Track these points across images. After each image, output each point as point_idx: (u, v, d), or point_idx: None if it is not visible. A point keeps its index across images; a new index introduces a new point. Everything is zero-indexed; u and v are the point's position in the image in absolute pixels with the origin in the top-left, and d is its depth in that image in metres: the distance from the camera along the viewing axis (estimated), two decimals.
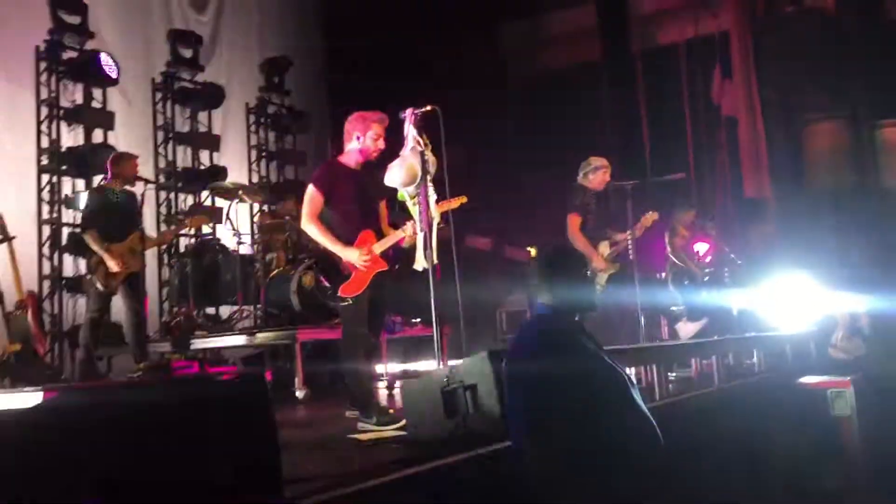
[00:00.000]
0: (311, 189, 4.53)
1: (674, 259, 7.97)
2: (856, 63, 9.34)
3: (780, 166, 9.72)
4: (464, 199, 4.71)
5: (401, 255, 4.51)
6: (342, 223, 4.49)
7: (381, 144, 4.53)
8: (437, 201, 4.45)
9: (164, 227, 8.90)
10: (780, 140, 9.81)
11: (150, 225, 8.25)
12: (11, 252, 6.45)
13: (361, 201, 4.51)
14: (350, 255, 4.39)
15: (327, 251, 4.49)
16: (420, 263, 4.27)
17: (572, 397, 2.79)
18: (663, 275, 8.20)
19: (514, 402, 2.97)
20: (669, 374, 5.54)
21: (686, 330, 7.26)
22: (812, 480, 5.43)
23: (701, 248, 8.24)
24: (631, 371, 5.61)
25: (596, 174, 6.63)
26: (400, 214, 4.85)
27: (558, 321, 3.07)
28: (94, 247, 6.22)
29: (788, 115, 9.90)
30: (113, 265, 6.14)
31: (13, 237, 6.49)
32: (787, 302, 7.26)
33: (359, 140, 4.52)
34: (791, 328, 6.99)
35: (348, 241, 4.44)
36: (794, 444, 5.36)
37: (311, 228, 4.50)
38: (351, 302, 4.38)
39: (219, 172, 9.42)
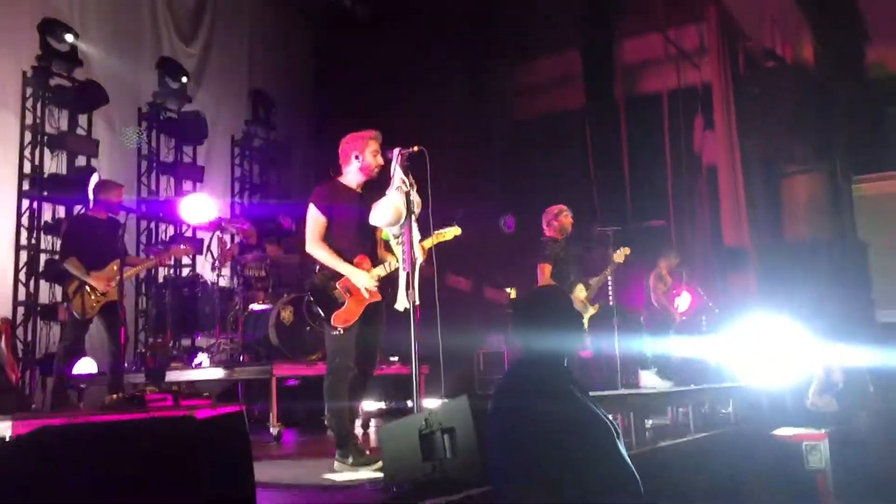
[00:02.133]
0: (312, 210, 4.43)
1: (655, 304, 8.02)
2: (835, 118, 9.52)
3: (759, 216, 9.84)
4: (458, 231, 4.70)
5: (389, 288, 4.43)
6: (339, 245, 4.41)
7: (380, 160, 4.45)
8: (431, 232, 4.46)
9: (143, 257, 8.85)
10: (760, 191, 9.94)
11: (130, 254, 8.20)
12: None
13: (360, 224, 4.41)
14: (359, 278, 4.33)
15: (321, 277, 4.42)
16: (401, 303, 4.24)
17: (555, 444, 2.76)
18: (643, 318, 8.24)
19: (497, 448, 2.92)
20: (646, 421, 5.54)
21: (651, 382, 7.28)
22: None
23: (683, 301, 8.31)
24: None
25: (558, 219, 6.71)
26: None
27: (544, 366, 3.01)
28: (77, 273, 6.18)
29: (768, 166, 10.05)
30: (100, 286, 6.11)
31: None
32: (763, 352, 7.30)
33: (358, 159, 4.47)
34: (767, 379, 7.02)
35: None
36: (768, 497, 5.35)
37: (317, 252, 4.40)
38: (341, 332, 4.32)
39: None
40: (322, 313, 4.35)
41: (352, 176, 4.54)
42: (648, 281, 8.17)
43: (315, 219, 4.43)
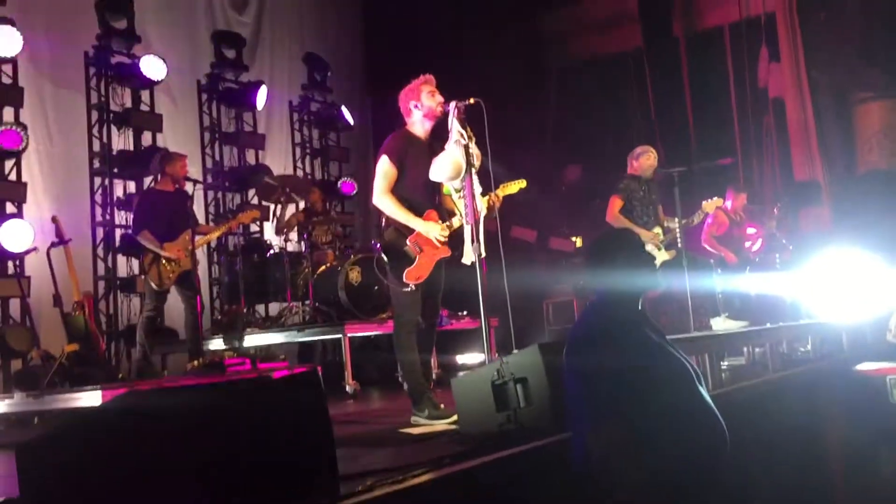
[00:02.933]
0: (384, 161, 4.37)
1: (707, 248, 7.80)
2: None
3: (831, 148, 9.50)
4: (523, 184, 4.65)
5: (458, 243, 4.36)
6: (409, 199, 4.37)
7: (440, 98, 4.40)
8: (495, 187, 4.42)
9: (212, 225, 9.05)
10: (831, 121, 9.58)
11: (200, 223, 8.39)
12: (68, 254, 6.62)
13: (429, 177, 4.35)
14: (429, 229, 4.29)
15: (390, 234, 4.39)
16: (468, 257, 4.24)
17: (633, 388, 2.72)
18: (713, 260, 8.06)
19: (574, 393, 2.89)
20: (722, 363, 5.46)
21: (724, 327, 7.13)
22: (870, 469, 5.32)
23: (752, 237, 8.08)
24: None
25: (639, 159, 6.64)
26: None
27: (618, 309, 2.97)
28: (150, 246, 6.38)
29: (838, 95, 9.67)
30: (173, 255, 6.32)
31: (69, 240, 6.65)
32: (841, 287, 7.11)
33: (418, 107, 4.43)
34: (846, 314, 6.84)
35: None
36: (851, 433, 5.25)
37: (384, 203, 4.35)
38: (413, 288, 4.31)
39: (262, 171, 9.52)
40: (394, 270, 4.36)
41: (418, 126, 4.50)
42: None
43: (385, 170, 4.37)
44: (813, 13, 9.43)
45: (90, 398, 4.57)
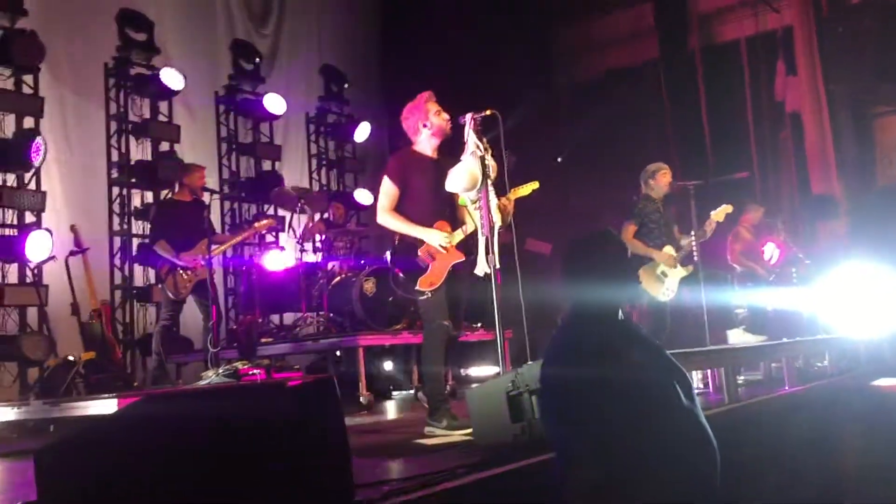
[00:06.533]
0: (386, 182, 4.48)
1: (734, 265, 7.82)
2: None
3: (848, 162, 9.44)
4: (535, 185, 4.64)
5: (471, 249, 4.37)
6: (417, 214, 4.43)
7: (446, 116, 4.48)
8: (510, 188, 4.42)
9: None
10: (849, 135, 9.53)
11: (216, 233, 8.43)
12: (85, 263, 6.68)
13: (437, 191, 4.40)
14: (432, 236, 4.34)
15: (401, 246, 4.44)
16: (482, 268, 4.25)
17: (607, 411, 2.45)
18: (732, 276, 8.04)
19: (549, 413, 2.69)
20: (738, 377, 5.43)
21: (740, 340, 7.09)
22: (885, 487, 5.26)
23: (770, 251, 8.04)
24: (697, 374, 5.52)
25: (654, 177, 6.58)
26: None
27: (592, 323, 2.65)
28: (167, 256, 6.44)
29: (856, 109, 9.61)
30: (190, 265, 6.38)
31: (87, 248, 6.71)
32: (858, 302, 7.05)
33: (426, 126, 4.49)
34: (863, 329, 6.78)
35: None
36: (868, 449, 5.20)
37: (387, 219, 4.45)
38: (430, 295, 4.34)
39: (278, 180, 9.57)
40: (408, 279, 4.37)
41: (425, 143, 4.55)
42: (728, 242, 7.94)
43: (387, 190, 4.47)
44: (831, 27, 9.39)
45: (106, 406, 4.59)
